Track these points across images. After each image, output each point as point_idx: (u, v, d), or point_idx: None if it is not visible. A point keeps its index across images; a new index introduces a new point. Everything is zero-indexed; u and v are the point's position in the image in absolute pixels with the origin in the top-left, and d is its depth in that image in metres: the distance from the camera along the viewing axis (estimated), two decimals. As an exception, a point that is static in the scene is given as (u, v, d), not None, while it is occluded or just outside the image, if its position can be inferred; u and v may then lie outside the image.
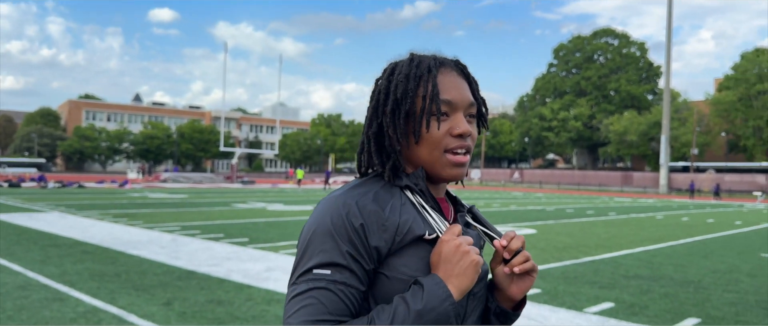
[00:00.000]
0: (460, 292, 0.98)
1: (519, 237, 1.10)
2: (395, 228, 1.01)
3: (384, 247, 1.00)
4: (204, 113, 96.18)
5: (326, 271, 0.97)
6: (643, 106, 76.66)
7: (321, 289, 0.96)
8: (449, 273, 0.98)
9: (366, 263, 1.00)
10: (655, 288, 7.20)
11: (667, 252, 10.63)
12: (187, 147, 77.57)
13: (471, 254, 0.99)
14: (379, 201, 1.03)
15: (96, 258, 8.17)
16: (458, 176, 1.09)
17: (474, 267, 0.99)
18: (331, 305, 0.95)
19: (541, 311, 5.82)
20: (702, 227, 16.57)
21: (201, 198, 24.68)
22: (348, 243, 0.98)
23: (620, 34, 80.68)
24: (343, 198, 1.03)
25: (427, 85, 1.08)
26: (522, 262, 1.08)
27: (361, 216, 1.00)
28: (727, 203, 36.54)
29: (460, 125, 1.07)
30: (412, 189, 1.09)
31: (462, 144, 1.07)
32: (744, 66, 64.92)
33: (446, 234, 1.02)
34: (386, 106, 1.10)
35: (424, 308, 0.93)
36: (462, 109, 1.09)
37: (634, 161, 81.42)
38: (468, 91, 1.11)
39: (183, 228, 12.34)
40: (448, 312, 0.95)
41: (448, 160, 1.07)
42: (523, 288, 1.11)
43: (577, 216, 19.88)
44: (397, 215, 1.03)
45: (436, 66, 1.10)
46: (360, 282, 0.99)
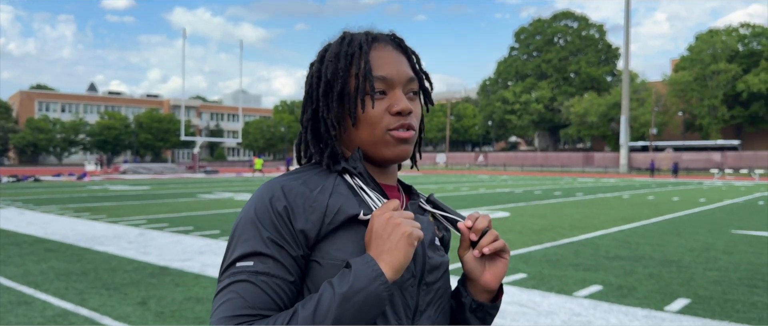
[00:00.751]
0: (394, 270, 0.88)
1: (484, 216, 1.02)
2: (324, 209, 0.94)
3: (312, 231, 0.93)
4: (162, 102, 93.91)
5: (249, 263, 0.90)
6: (603, 88, 78.11)
7: (242, 282, 0.89)
8: (380, 249, 0.89)
9: (292, 249, 0.92)
10: (638, 268, 7.18)
11: (641, 232, 10.72)
12: (146, 137, 75.69)
13: (403, 225, 0.89)
14: (308, 184, 0.97)
15: (60, 256, 7.74)
16: (403, 154, 1.02)
17: (406, 239, 0.88)
18: (252, 298, 0.88)
19: (531, 296, 5.71)
20: (669, 205, 16.87)
21: (164, 189, 24.01)
22: (271, 229, 0.92)
23: (579, 16, 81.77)
24: (270, 183, 0.97)
25: (359, 63, 1.01)
26: (491, 241, 1.00)
27: (286, 199, 0.94)
28: (687, 181, 37.52)
29: (398, 102, 1.00)
30: (350, 173, 1.02)
31: (403, 122, 1.00)
32: (699, 47, 66.67)
33: (379, 209, 0.93)
34: (318, 89, 1.03)
35: (349, 289, 0.85)
36: (400, 85, 1.01)
37: (594, 142, 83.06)
38: (406, 66, 1.04)
39: (149, 221, 11.89)
40: (378, 293, 0.86)
41: (390, 138, 1.00)
42: (497, 273, 1.02)
43: (546, 197, 20.03)
44: (327, 195, 0.96)
45: (368, 42, 1.03)
46: (287, 272, 0.91)
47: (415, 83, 1.05)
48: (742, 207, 16.33)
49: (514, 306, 5.35)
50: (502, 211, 14.58)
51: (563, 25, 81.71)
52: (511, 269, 7.04)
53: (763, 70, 62.15)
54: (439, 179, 36.94)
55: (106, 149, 73.04)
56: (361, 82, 1.00)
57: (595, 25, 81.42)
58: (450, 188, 25.78)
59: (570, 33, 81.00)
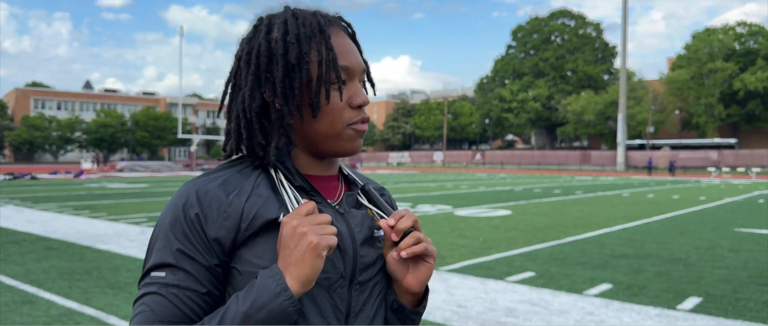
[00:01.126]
0: (301, 283, 0.82)
1: (410, 215, 0.95)
2: (239, 215, 0.89)
3: (226, 238, 0.88)
4: (158, 99, 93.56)
5: (161, 273, 0.87)
6: (600, 86, 78.11)
7: (152, 294, 0.86)
8: (287, 261, 0.83)
9: (205, 259, 0.87)
10: (646, 267, 7.14)
11: (644, 230, 10.67)
12: (142, 135, 75.36)
13: (308, 236, 0.82)
14: (226, 186, 0.91)
15: (62, 255, 7.65)
16: (358, 148, 0.98)
17: (312, 250, 0.82)
18: (161, 312, 0.85)
19: (541, 295, 5.65)
20: (669, 203, 16.85)
21: (162, 187, 23.90)
22: (182, 239, 0.87)
23: (576, 15, 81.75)
24: (186, 186, 0.92)
25: (320, 48, 0.94)
26: (410, 244, 0.92)
27: (199, 205, 0.88)
28: (685, 179, 37.57)
29: (359, 95, 0.96)
30: (276, 168, 0.95)
31: (363, 115, 0.97)
32: (696, 45, 66.73)
33: (289, 214, 0.87)
34: (273, 72, 0.94)
35: (251, 307, 0.80)
36: (357, 75, 0.98)
37: (590, 140, 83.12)
38: (359, 55, 1.00)
39: (150, 219, 11.79)
40: (283, 309, 0.81)
41: (351, 132, 0.96)
42: (420, 277, 0.96)
43: (546, 195, 19.99)
44: (244, 199, 0.90)
45: (326, 25, 0.96)
46: (198, 283, 0.87)
47: (364, 74, 1.01)
48: (743, 206, 16.33)
49: (525, 304, 5.29)
50: (503, 209, 14.53)
51: (560, 23, 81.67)
52: (518, 267, 6.99)
53: (760, 68, 62.29)
54: (437, 177, 36.89)
55: (102, 147, 72.75)
56: (325, 70, 0.93)
57: (592, 23, 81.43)
58: (449, 186, 25.73)
59: (567, 31, 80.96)
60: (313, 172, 1.00)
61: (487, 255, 7.85)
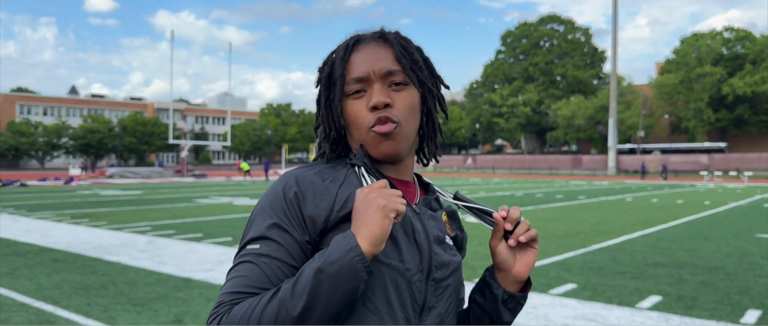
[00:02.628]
0: (370, 242, 0.87)
1: (516, 207, 1.04)
2: (334, 197, 0.97)
3: (320, 217, 0.95)
4: (146, 105, 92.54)
5: (256, 245, 0.95)
6: (589, 91, 78.40)
7: (246, 263, 0.93)
8: (358, 223, 0.90)
9: (298, 234, 0.95)
10: (686, 276, 6.86)
11: (666, 236, 10.43)
12: (130, 140, 74.36)
13: (377, 199, 0.90)
14: (322, 174, 1.01)
15: (71, 268, 7.22)
16: (392, 150, 1.01)
17: (381, 211, 0.88)
18: (253, 278, 0.91)
19: (594, 309, 5.34)
20: (677, 208, 16.67)
21: (157, 194, 23.37)
22: (280, 214, 0.95)
23: (566, 20, 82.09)
24: (286, 174, 1.01)
25: (335, 68, 1.04)
26: (525, 231, 1.03)
27: (298, 186, 0.97)
28: (679, 183, 37.60)
29: (373, 97, 1.00)
30: (358, 166, 1.03)
31: (379, 115, 1.00)
32: (684, 50, 67.24)
33: (363, 187, 0.94)
34: (319, 96, 1.08)
35: (324, 262, 0.85)
36: (377, 79, 1.01)
37: (580, 144, 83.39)
38: (387, 59, 1.03)
39: (154, 228, 11.35)
40: (353, 265, 0.85)
41: (373, 136, 1.00)
42: (528, 263, 1.05)
43: (550, 201, 19.76)
44: (338, 185, 0.99)
45: (350, 46, 1.05)
46: (288, 255, 0.94)
47: (399, 74, 1.02)
48: (752, 210, 16.18)
49: (581, 320, 4.98)
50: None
51: (549, 28, 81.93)
52: (556, 278, 6.68)
53: (748, 73, 62.87)
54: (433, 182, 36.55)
55: (90, 153, 71.60)
56: (339, 85, 1.02)
57: (581, 28, 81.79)
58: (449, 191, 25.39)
59: (556, 36, 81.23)
60: (392, 175, 1.07)
61: (518, 264, 7.53)
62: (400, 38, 1.07)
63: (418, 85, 1.05)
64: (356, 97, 1.02)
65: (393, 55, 1.04)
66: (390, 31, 1.08)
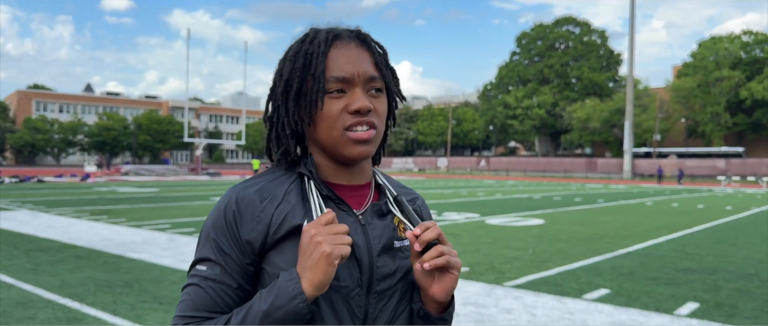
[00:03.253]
0: (314, 287, 0.90)
1: (434, 228, 0.99)
2: (269, 220, 0.97)
3: (257, 240, 0.97)
4: (161, 103, 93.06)
5: (202, 267, 0.97)
6: (605, 94, 77.71)
7: (193, 286, 0.97)
8: (303, 266, 0.91)
9: (238, 257, 0.97)
10: (721, 283, 6.68)
11: (693, 242, 10.22)
12: (145, 138, 74.80)
13: (322, 245, 0.89)
14: (261, 192, 1.00)
15: (94, 265, 7.17)
16: (364, 154, 1.01)
17: (325, 259, 0.89)
18: (200, 301, 0.95)
19: (631, 316, 5.18)
20: (700, 213, 16.39)
21: (174, 192, 23.41)
22: (221, 236, 0.97)
23: (581, 22, 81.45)
24: (230, 191, 1.01)
25: (316, 62, 1.00)
26: (433, 257, 0.97)
27: (236, 206, 0.98)
28: (697, 188, 37.13)
29: (356, 101, 0.99)
30: (307, 176, 1.03)
31: (360, 120, 0.99)
32: (702, 53, 66.44)
33: (309, 223, 0.94)
34: (278, 87, 1.05)
35: (270, 307, 0.89)
36: (359, 83, 1.01)
37: (594, 147, 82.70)
38: (369, 64, 1.02)
39: (173, 225, 11.32)
40: (298, 310, 0.89)
41: (349, 138, 0.99)
42: (445, 288, 1.00)
43: (569, 204, 19.53)
44: (274, 206, 0.99)
45: (328, 40, 1.02)
46: (231, 278, 0.96)
47: (379, 81, 1.02)
48: (776, 216, 15.86)
49: (619, 326, 4.82)
50: (535, 218, 14.06)
51: (565, 30, 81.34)
52: (587, 283, 6.53)
53: (767, 77, 61.98)
54: (446, 183, 36.42)
55: (105, 150, 72.11)
56: (316, 81, 0.99)
57: (597, 30, 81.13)
58: (464, 193, 25.26)
59: (572, 38, 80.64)
60: (340, 181, 1.05)
61: (546, 269, 7.39)
62: (377, 44, 1.07)
63: (391, 95, 1.07)
64: (334, 96, 1.00)
65: (372, 60, 1.04)
66: (365, 33, 1.07)
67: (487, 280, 6.57)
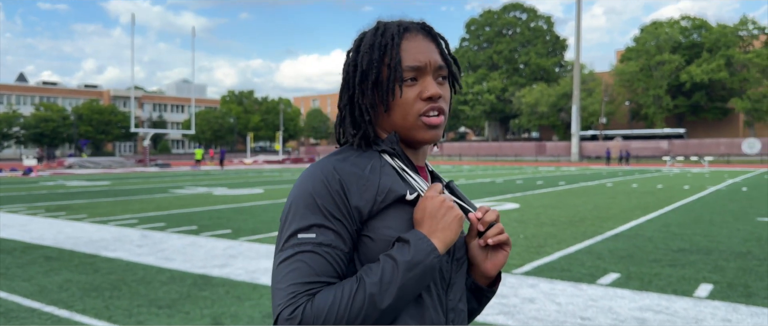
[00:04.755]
0: (445, 245, 0.99)
1: (493, 210, 1.10)
2: (376, 188, 1.02)
3: (365, 207, 1.01)
4: (102, 92, 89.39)
5: (311, 235, 0.98)
6: (552, 78, 79.33)
7: (307, 253, 0.97)
8: (434, 227, 0.99)
9: (349, 223, 1.00)
10: (721, 263, 6.70)
11: (672, 222, 10.35)
12: (87, 129, 71.66)
13: (455, 209, 1.01)
14: (357, 164, 1.05)
15: (69, 266, 6.60)
16: (435, 138, 1.09)
17: (458, 221, 1.00)
18: (318, 267, 0.96)
19: (654, 300, 5.06)
20: (663, 193, 16.78)
21: (127, 184, 22.39)
22: (330, 204, 0.99)
23: (528, 8, 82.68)
24: (321, 164, 1.05)
25: (391, 53, 1.07)
26: (496, 234, 1.08)
27: (340, 177, 1.01)
28: (646, 168, 38.33)
29: (429, 88, 1.06)
30: (389, 153, 1.09)
31: (433, 106, 1.06)
32: (644, 38, 68.55)
33: (429, 190, 1.03)
34: (355, 77, 1.10)
35: (412, 260, 0.95)
36: (430, 72, 1.07)
37: (542, 131, 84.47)
38: (436, 53, 1.10)
39: (141, 220, 10.69)
40: (433, 265, 0.97)
41: (422, 123, 1.06)
42: (497, 263, 1.11)
43: (531, 188, 19.70)
44: (378, 175, 1.04)
45: (400, 32, 1.09)
46: (344, 243, 1.00)
47: (445, 69, 1.09)
48: (734, 194, 16.40)
49: (648, 312, 4.69)
50: (509, 203, 14.04)
51: (512, 16, 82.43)
52: (594, 267, 6.43)
53: (705, 61, 64.52)
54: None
55: (43, 142, 68.77)
56: (393, 71, 1.05)
57: (544, 16, 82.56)
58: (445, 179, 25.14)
59: (519, 24, 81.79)
60: (414, 162, 1.13)
61: (546, 254, 7.26)
62: (441, 36, 1.13)
63: (452, 82, 1.14)
64: (408, 84, 1.06)
65: (439, 50, 1.10)
66: (430, 26, 1.13)
67: (493, 268, 6.37)
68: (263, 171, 35.45)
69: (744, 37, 65.66)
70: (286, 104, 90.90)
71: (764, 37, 64.53)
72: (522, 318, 4.56)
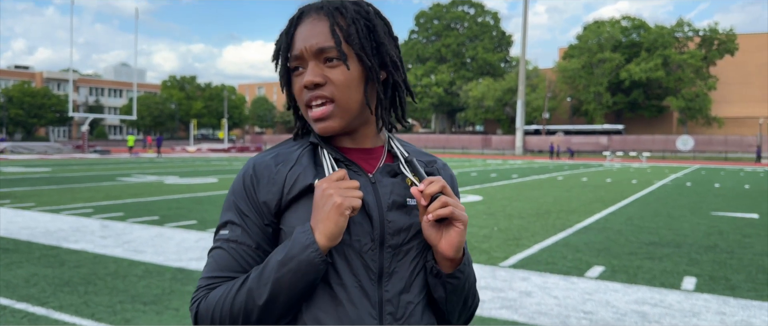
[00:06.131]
0: (327, 238, 0.93)
1: (438, 180, 1.00)
2: (283, 181, 1.02)
3: (272, 201, 1.01)
4: (34, 74, 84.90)
5: (225, 231, 1.02)
6: (498, 74, 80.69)
7: (216, 249, 1.01)
8: (316, 219, 0.95)
9: (256, 219, 1.01)
10: (694, 256, 6.89)
11: (633, 215, 10.62)
12: (17, 112, 67.96)
13: (334, 197, 0.94)
14: (276, 157, 1.05)
15: (30, 259, 6.14)
16: (325, 131, 1.03)
17: (337, 209, 0.93)
18: (222, 262, 0.99)
19: (645, 294, 5.13)
20: (614, 187, 17.28)
21: (69, 171, 21.31)
22: (242, 201, 1.02)
23: (476, 3, 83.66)
24: (251, 159, 1.07)
25: (287, 42, 1.04)
26: (437, 207, 0.98)
27: (254, 173, 1.03)
28: (587, 162, 39.53)
29: (305, 75, 1.01)
30: (316, 144, 1.07)
31: (313, 95, 1.01)
32: (586, 36, 70.56)
33: (322, 179, 0.98)
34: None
35: (285, 257, 0.93)
36: (312, 57, 1.01)
37: (486, 125, 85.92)
38: (322, 35, 1.01)
39: (96, 210, 10.14)
40: (311, 260, 0.93)
41: (310, 116, 1.03)
42: (451, 241, 1.00)
43: (487, 181, 19.93)
44: (288, 168, 1.03)
45: (296, 18, 1.05)
46: (250, 238, 1.00)
47: (332, 50, 1.00)
48: (680, 189, 17.06)
49: (646, 305, 4.74)
50: (471, 194, 14.12)
51: (461, 10, 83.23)
52: (576, 260, 6.48)
53: (643, 60, 67.04)
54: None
55: (-31, 126, 64.81)
56: (281, 61, 1.05)
57: (491, 12, 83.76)
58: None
59: (467, 19, 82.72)
60: (346, 145, 1.08)
61: (525, 247, 7.29)
62: (341, 9, 1.04)
63: (356, 58, 1.02)
64: (297, 73, 1.03)
65: (328, 28, 1.01)
66: (332, 1, 1.04)
67: (478, 261, 6.34)
68: (211, 160, 34.52)
69: (680, 39, 68.55)
70: (230, 91, 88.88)
71: (698, 38, 67.59)
72: (526, 312, 4.51)
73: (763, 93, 69.39)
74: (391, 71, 1.08)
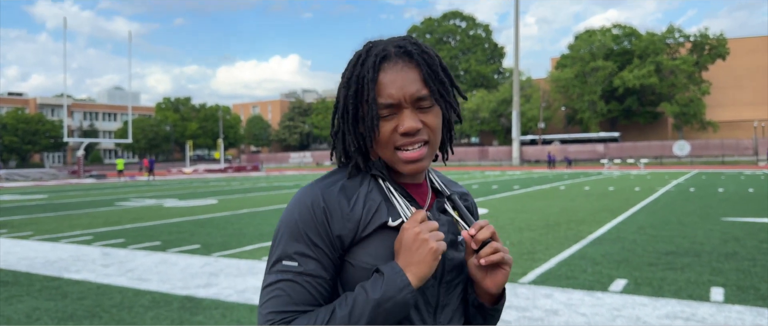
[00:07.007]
0: (419, 280, 0.97)
1: (488, 227, 1.05)
2: (358, 219, 1.02)
3: (347, 237, 1.02)
4: (28, 100, 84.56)
5: (293, 263, 1.00)
6: (491, 85, 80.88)
7: (287, 281, 0.99)
8: (408, 261, 0.97)
9: (330, 251, 1.01)
10: (717, 265, 6.70)
11: (645, 224, 10.44)
12: (11, 139, 67.54)
13: (429, 242, 0.97)
14: (345, 191, 1.05)
15: (31, 291, 5.90)
16: (413, 171, 1.06)
17: (432, 254, 0.97)
18: (296, 296, 0.99)
19: (675, 307, 4.92)
20: (618, 195, 17.11)
21: (66, 197, 21.03)
22: (313, 233, 1.01)
23: (467, 16, 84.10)
24: (310, 188, 1.05)
25: (367, 88, 1.04)
26: (489, 253, 1.04)
27: (326, 205, 1.02)
28: (586, 171, 39.42)
29: (404, 122, 1.03)
30: (378, 177, 1.09)
31: (411, 140, 1.04)
32: (578, 45, 70.84)
33: (408, 221, 1.00)
34: (339, 110, 1.11)
35: (382, 297, 0.94)
36: (408, 105, 1.04)
37: (482, 137, 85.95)
38: (417, 83, 1.04)
39: (96, 237, 9.89)
40: (406, 301, 0.96)
41: (399, 158, 1.05)
42: (496, 281, 1.06)
43: (489, 193, 19.75)
44: (362, 204, 1.04)
45: (376, 64, 1.05)
46: (324, 270, 1.01)
47: (427, 99, 1.04)
48: (686, 194, 16.90)
49: (678, 320, 4.54)
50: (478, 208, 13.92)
51: (452, 24, 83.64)
52: (598, 274, 6.28)
53: (636, 67, 67.27)
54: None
55: (-38, 154, 64.32)
56: (370, 107, 1.04)
57: (482, 24, 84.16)
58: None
59: (459, 32, 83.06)
60: (403, 180, 1.11)
61: (543, 261, 7.08)
62: (425, 56, 1.06)
63: (443, 106, 1.07)
64: (385, 119, 1.04)
65: (420, 76, 1.04)
66: (413, 46, 1.07)
67: (496, 278, 6.12)
68: (208, 181, 34.24)
69: (671, 45, 68.88)
70: (225, 111, 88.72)
71: (689, 44, 67.91)
72: (556, 332, 4.30)
73: (755, 96, 69.69)
74: (455, 109, 1.11)
